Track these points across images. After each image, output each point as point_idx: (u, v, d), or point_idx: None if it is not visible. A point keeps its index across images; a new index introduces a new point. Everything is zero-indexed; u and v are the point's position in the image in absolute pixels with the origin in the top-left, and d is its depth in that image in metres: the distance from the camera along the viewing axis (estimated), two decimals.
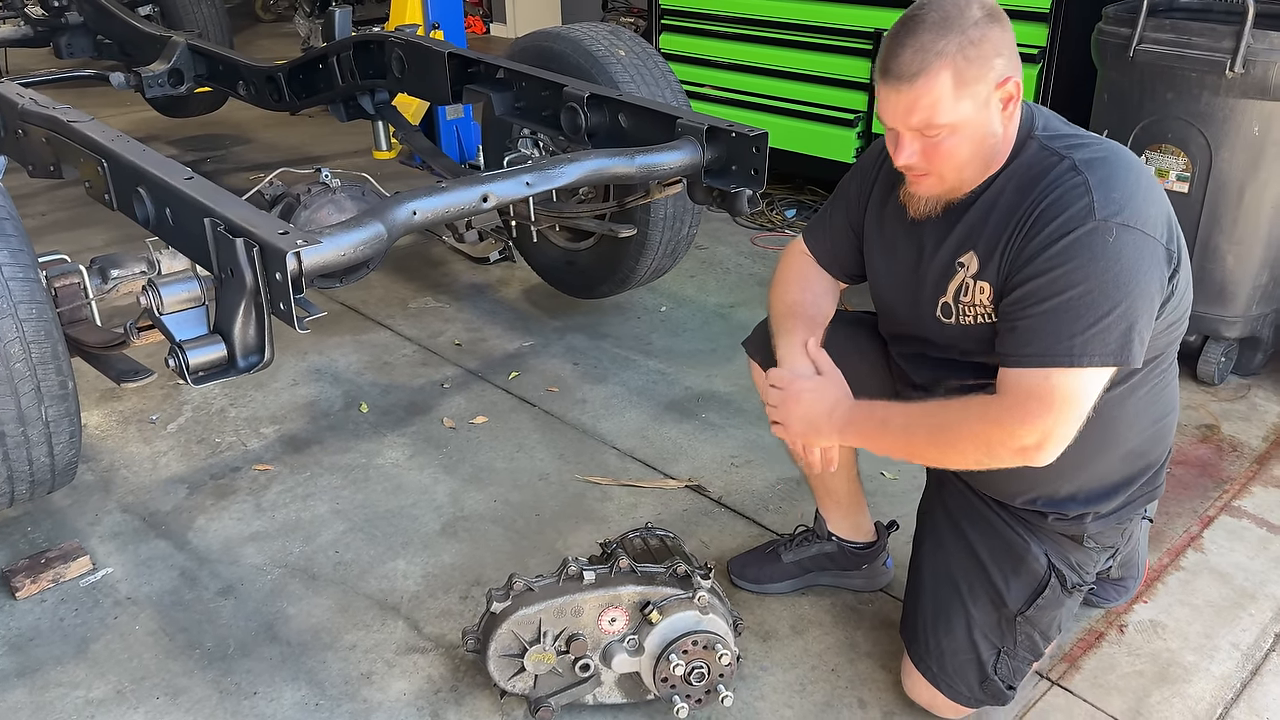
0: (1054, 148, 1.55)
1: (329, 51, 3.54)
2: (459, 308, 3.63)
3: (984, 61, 1.47)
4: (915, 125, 1.52)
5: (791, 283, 1.93)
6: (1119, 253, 1.45)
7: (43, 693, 1.94)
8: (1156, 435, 1.74)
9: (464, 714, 1.89)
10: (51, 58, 5.43)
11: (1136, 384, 1.65)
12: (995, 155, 1.57)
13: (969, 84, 1.47)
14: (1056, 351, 1.48)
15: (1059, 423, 1.49)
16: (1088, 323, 1.46)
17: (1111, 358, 1.47)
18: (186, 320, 1.83)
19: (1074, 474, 1.69)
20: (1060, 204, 1.49)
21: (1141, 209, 1.47)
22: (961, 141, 1.52)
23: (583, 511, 2.48)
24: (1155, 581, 2.22)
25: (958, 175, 1.58)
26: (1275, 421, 2.86)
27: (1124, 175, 1.50)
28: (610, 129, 2.69)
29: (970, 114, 1.50)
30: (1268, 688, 1.94)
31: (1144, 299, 1.47)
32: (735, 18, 4.45)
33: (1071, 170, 1.51)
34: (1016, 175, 1.57)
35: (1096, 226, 1.45)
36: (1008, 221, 1.55)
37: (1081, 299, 1.46)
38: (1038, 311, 1.50)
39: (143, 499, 2.52)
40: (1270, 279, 2.89)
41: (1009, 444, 1.52)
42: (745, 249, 4.15)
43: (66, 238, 4.08)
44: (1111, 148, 1.55)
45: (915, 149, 1.55)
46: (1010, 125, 1.56)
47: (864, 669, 1.99)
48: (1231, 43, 2.62)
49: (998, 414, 1.53)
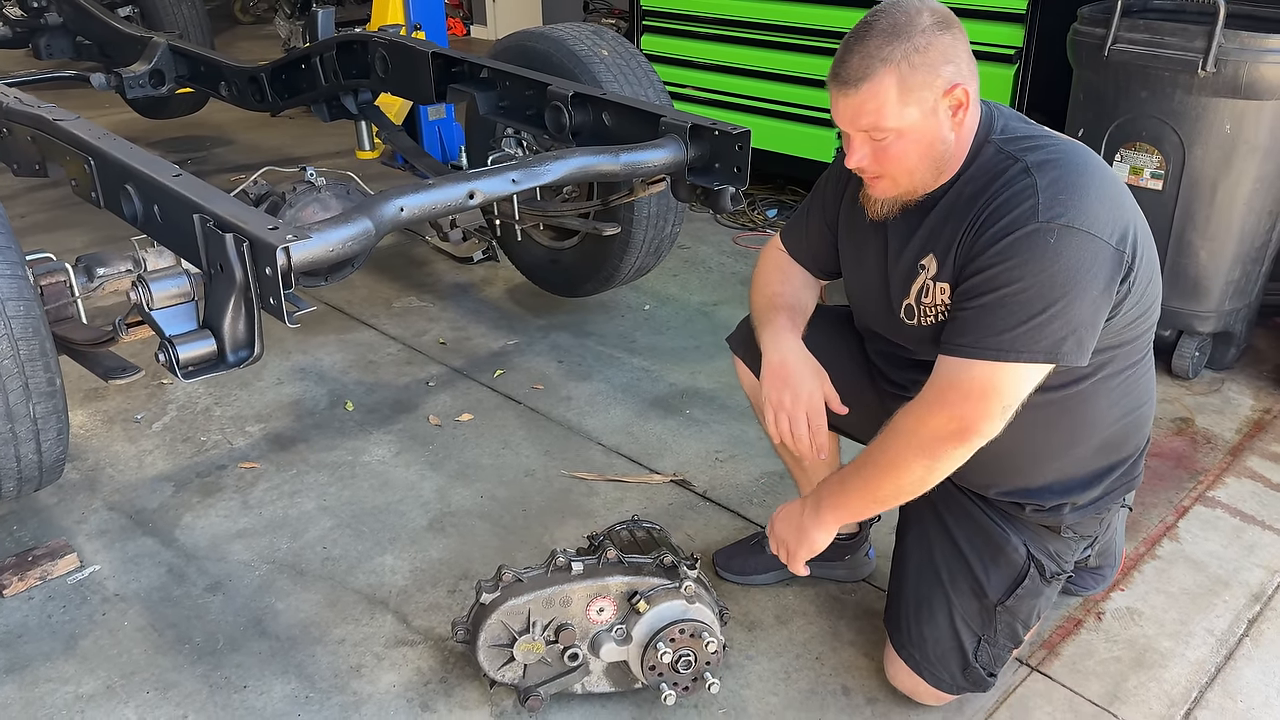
0: (1009, 150, 1.58)
1: (312, 52, 3.55)
2: (443, 307, 3.64)
3: (930, 69, 1.50)
4: (863, 128, 1.57)
5: (771, 277, 1.97)
6: (1058, 253, 1.47)
7: (32, 689, 1.94)
8: (1132, 426, 1.77)
9: (453, 704, 1.91)
10: (30, 59, 5.41)
11: (1107, 377, 1.68)
12: (946, 160, 1.61)
13: (914, 90, 1.51)
14: (985, 345, 1.51)
15: (978, 414, 1.53)
16: (1018, 320, 1.49)
17: (1041, 355, 1.50)
18: (176, 316, 1.84)
19: (1047, 465, 1.74)
20: (1007, 205, 1.52)
21: (1089, 211, 1.49)
22: (909, 146, 1.56)
23: (569, 506, 2.50)
24: (1132, 570, 2.27)
25: (909, 179, 1.61)
26: (1248, 414, 2.91)
27: (1074, 178, 1.52)
28: (594, 128, 2.71)
29: (916, 120, 1.53)
30: (1241, 672, 1.99)
31: (1083, 300, 1.49)
32: (716, 19, 4.49)
33: (1023, 173, 1.54)
34: (973, 179, 1.60)
35: (1039, 228, 1.48)
36: (961, 222, 1.59)
37: (1015, 297, 1.49)
38: (974, 305, 1.54)
39: (129, 497, 2.53)
40: (1242, 274, 2.94)
41: (936, 436, 1.55)
42: (727, 248, 4.18)
43: (46, 239, 4.06)
44: (1068, 149, 1.57)
45: (865, 152, 1.60)
46: (963, 131, 1.59)
47: (847, 657, 2.02)
48: (1203, 42, 2.67)
49: (923, 411, 1.58)
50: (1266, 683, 1.96)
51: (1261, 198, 2.82)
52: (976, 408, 1.53)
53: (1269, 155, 2.76)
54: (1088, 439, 1.73)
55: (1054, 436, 1.71)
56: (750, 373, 2.04)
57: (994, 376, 1.52)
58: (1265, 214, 2.86)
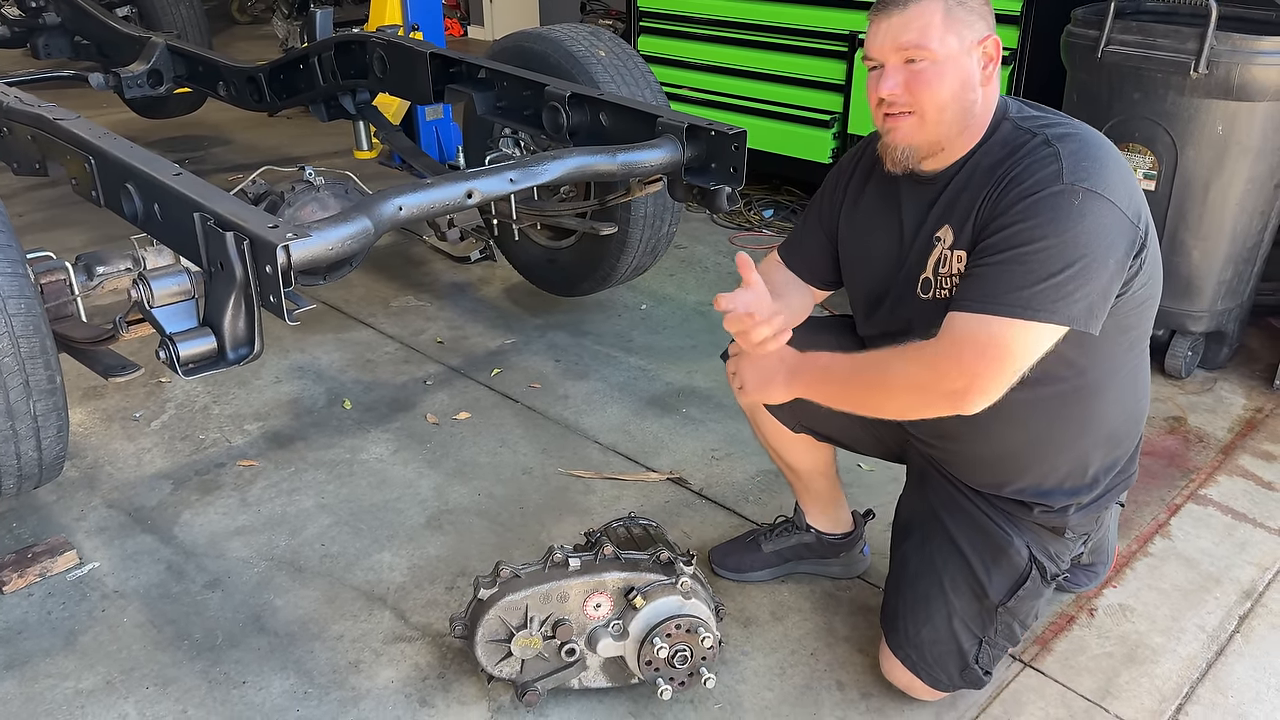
0: (1027, 126, 1.61)
1: (310, 52, 3.57)
2: (441, 306, 3.66)
3: (971, 12, 1.58)
4: (904, 44, 1.57)
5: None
6: (1082, 215, 1.48)
7: (32, 684, 1.95)
8: (1134, 419, 1.79)
9: (451, 700, 1.92)
10: (28, 59, 5.42)
11: (1117, 368, 1.69)
12: (973, 115, 1.61)
13: (956, 23, 1.56)
14: (1001, 301, 1.50)
15: (990, 372, 1.50)
16: (1038, 277, 1.48)
17: (1056, 315, 1.48)
18: (176, 313, 1.85)
19: (1057, 458, 1.74)
20: (1030, 169, 1.54)
21: (1110, 180, 1.51)
22: (944, 76, 1.57)
23: (566, 504, 2.51)
24: (1124, 567, 2.29)
25: (938, 116, 1.60)
26: (1240, 413, 2.94)
27: (1094, 151, 1.54)
28: (591, 128, 2.73)
29: (955, 50, 1.57)
30: (1232, 668, 2.01)
31: (1101, 265, 1.49)
32: (713, 20, 4.51)
33: (1044, 144, 1.56)
34: (990, 151, 1.62)
35: (1064, 189, 1.49)
36: (980, 191, 1.59)
37: (1036, 254, 1.49)
38: (993, 262, 1.53)
39: (128, 494, 2.54)
40: (1234, 274, 2.96)
41: (938, 387, 1.54)
42: (724, 248, 4.20)
43: (45, 238, 4.07)
44: (1084, 128, 1.60)
45: (899, 79, 1.59)
46: (989, 89, 1.62)
47: (842, 652, 2.04)
48: (1196, 44, 2.69)
49: (931, 357, 1.55)
50: (1257, 678, 1.98)
51: (1253, 198, 2.84)
52: (989, 366, 1.50)
53: (1261, 156, 2.78)
54: (1095, 432, 1.74)
55: (1063, 431, 1.72)
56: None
57: (1011, 334, 1.49)
58: (1257, 214, 2.88)
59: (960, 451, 1.81)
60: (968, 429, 1.68)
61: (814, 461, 2.11)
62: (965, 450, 1.80)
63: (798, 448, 2.08)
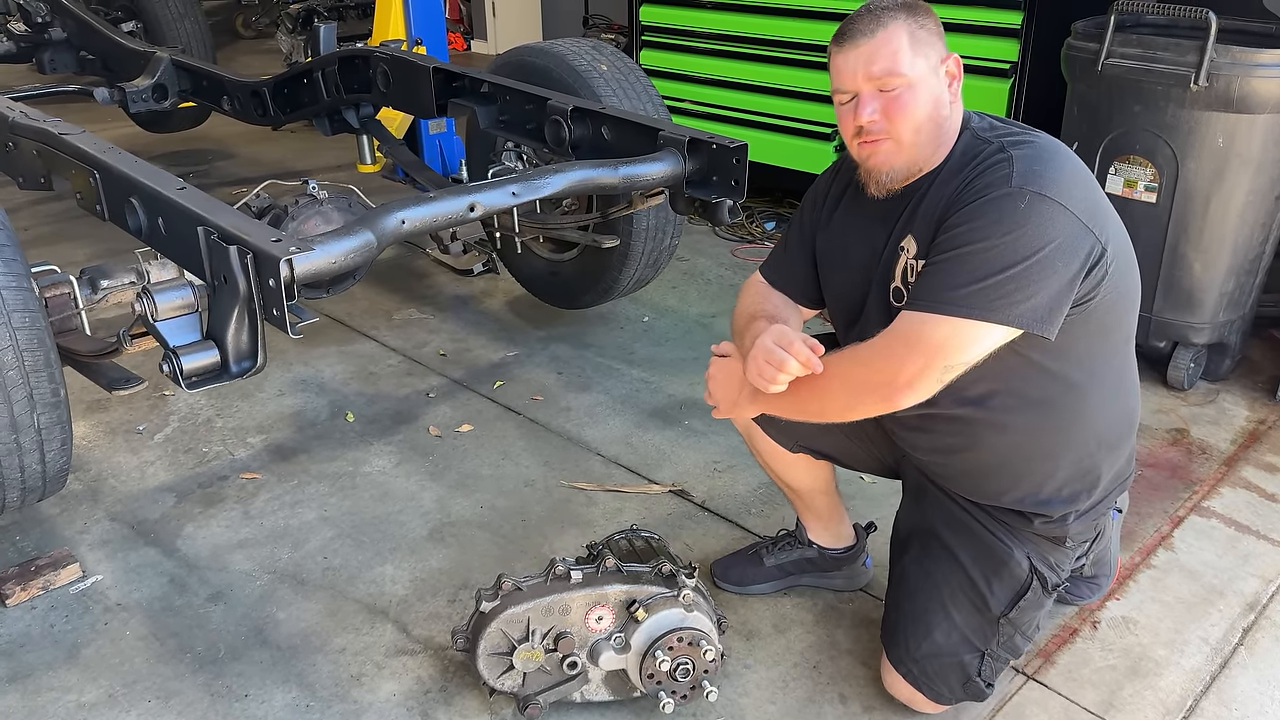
0: (986, 136, 1.64)
1: (314, 66, 3.59)
2: (443, 319, 3.67)
3: (932, 34, 1.62)
4: (876, 74, 1.60)
5: (751, 301, 1.93)
6: (1027, 217, 1.49)
7: (34, 697, 1.95)
8: (1126, 420, 1.80)
9: (453, 713, 1.92)
10: (34, 73, 5.44)
11: (1103, 372, 1.70)
12: (946, 131, 1.65)
13: (921, 45, 1.60)
14: (940, 299, 1.52)
15: (915, 370, 1.52)
16: (976, 276, 1.49)
17: (994, 315, 1.49)
18: (180, 327, 1.86)
19: (1053, 464, 1.73)
20: (982, 177, 1.56)
21: (1063, 185, 1.52)
22: (918, 99, 1.60)
23: (568, 516, 2.51)
24: (1127, 579, 2.28)
25: (914, 138, 1.62)
26: (1243, 425, 2.93)
27: (1049, 157, 1.56)
28: (594, 141, 2.74)
29: (925, 72, 1.60)
30: (1236, 680, 2.00)
31: (1048, 268, 1.49)
32: (714, 34, 4.53)
33: (999, 150, 1.59)
34: (952, 163, 1.64)
35: (1010, 192, 1.51)
36: (939, 201, 1.62)
37: (978, 254, 1.50)
38: (938, 261, 1.55)
39: (131, 507, 2.54)
40: (1236, 286, 2.96)
41: (868, 381, 1.57)
42: (726, 260, 4.21)
43: (49, 252, 4.08)
44: (1044, 138, 1.62)
45: (876, 106, 1.61)
46: (956, 105, 1.65)
47: (845, 666, 2.04)
48: (1196, 57, 2.70)
49: (866, 354, 1.59)
50: (1261, 691, 1.97)
51: (1254, 210, 2.85)
52: (915, 363, 1.52)
53: (1261, 168, 2.78)
54: (1085, 435, 1.74)
55: (1053, 438, 1.72)
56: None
57: (946, 331, 1.51)
58: (1258, 226, 2.88)
59: (954, 464, 1.82)
60: (960, 441, 1.69)
61: (813, 480, 2.11)
62: (959, 462, 1.80)
63: (797, 468, 2.08)
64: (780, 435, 2.02)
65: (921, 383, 1.53)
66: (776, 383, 1.66)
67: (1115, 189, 2.97)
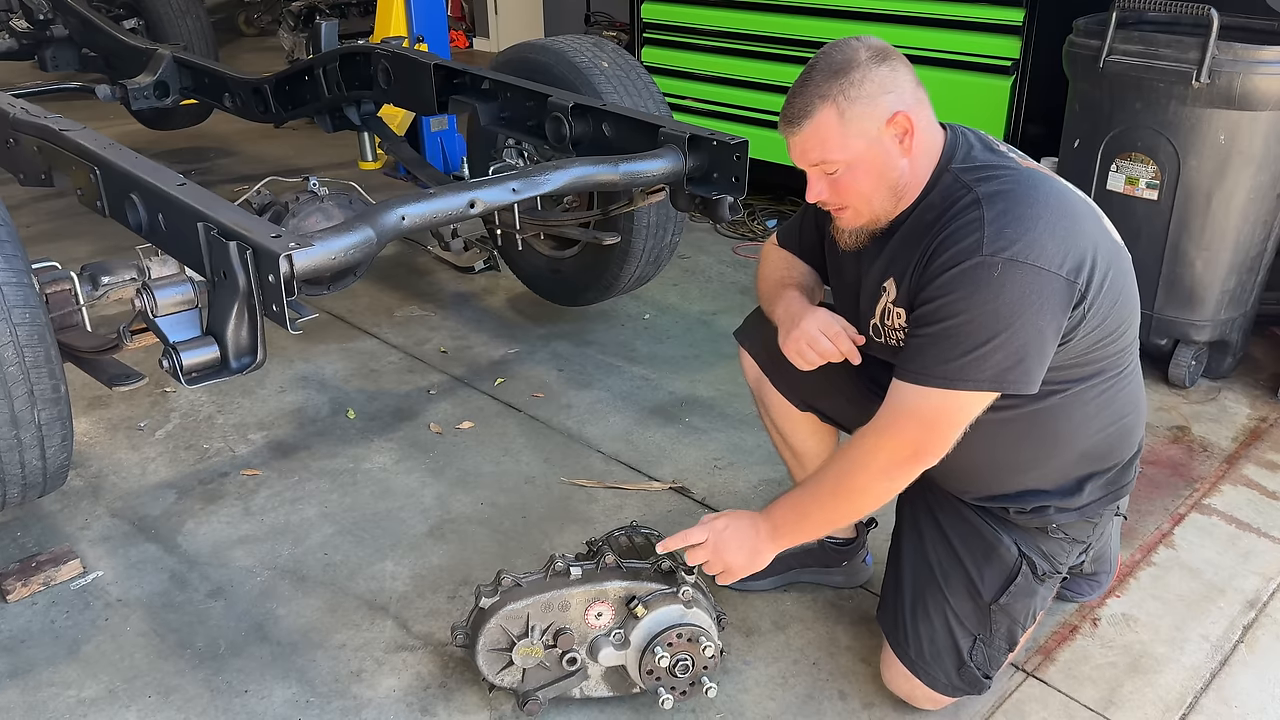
0: (965, 180, 1.61)
1: (315, 63, 3.58)
2: (444, 316, 3.67)
3: (869, 100, 1.58)
4: (813, 163, 1.64)
5: (777, 267, 2.01)
6: (1002, 286, 1.50)
7: (35, 693, 1.96)
8: (1117, 436, 1.79)
9: (453, 709, 1.92)
10: (36, 71, 5.45)
11: (1080, 392, 1.70)
12: (904, 187, 1.65)
13: (854, 121, 1.58)
14: (934, 373, 1.56)
15: (929, 439, 1.61)
16: (964, 350, 1.53)
17: (986, 384, 1.55)
18: (180, 323, 1.86)
19: (1020, 476, 1.78)
20: (953, 237, 1.56)
21: (1036, 243, 1.51)
22: (860, 175, 1.62)
23: (569, 513, 2.52)
24: (1128, 577, 2.28)
25: (868, 207, 1.67)
26: (1244, 422, 2.93)
27: (1023, 210, 1.54)
28: (594, 138, 2.74)
29: (862, 150, 1.60)
30: (1236, 678, 2.00)
31: (1028, 331, 1.52)
32: (716, 31, 4.52)
33: (973, 204, 1.57)
34: (931, 206, 1.64)
35: (982, 261, 1.51)
36: (914, 251, 1.63)
37: (961, 328, 1.54)
38: (924, 334, 1.59)
39: (132, 504, 2.55)
40: (1238, 284, 2.96)
41: (894, 458, 1.62)
42: (727, 258, 4.21)
43: (51, 249, 4.09)
44: (1023, 179, 1.59)
45: (822, 186, 1.67)
46: (917, 156, 1.63)
47: (844, 662, 2.04)
48: (1197, 54, 2.70)
49: (876, 433, 1.64)
50: (1261, 688, 1.97)
51: (1256, 207, 2.84)
52: (929, 433, 1.60)
53: (1263, 165, 2.78)
54: (1064, 452, 1.76)
55: (1025, 451, 1.75)
56: (754, 364, 2.08)
57: (945, 403, 1.58)
58: (1260, 223, 2.88)
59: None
60: None
61: (818, 444, 2.12)
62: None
63: (803, 428, 2.09)
64: (789, 391, 2.04)
65: (940, 447, 1.62)
66: (812, 365, 1.79)
67: (1117, 186, 2.97)
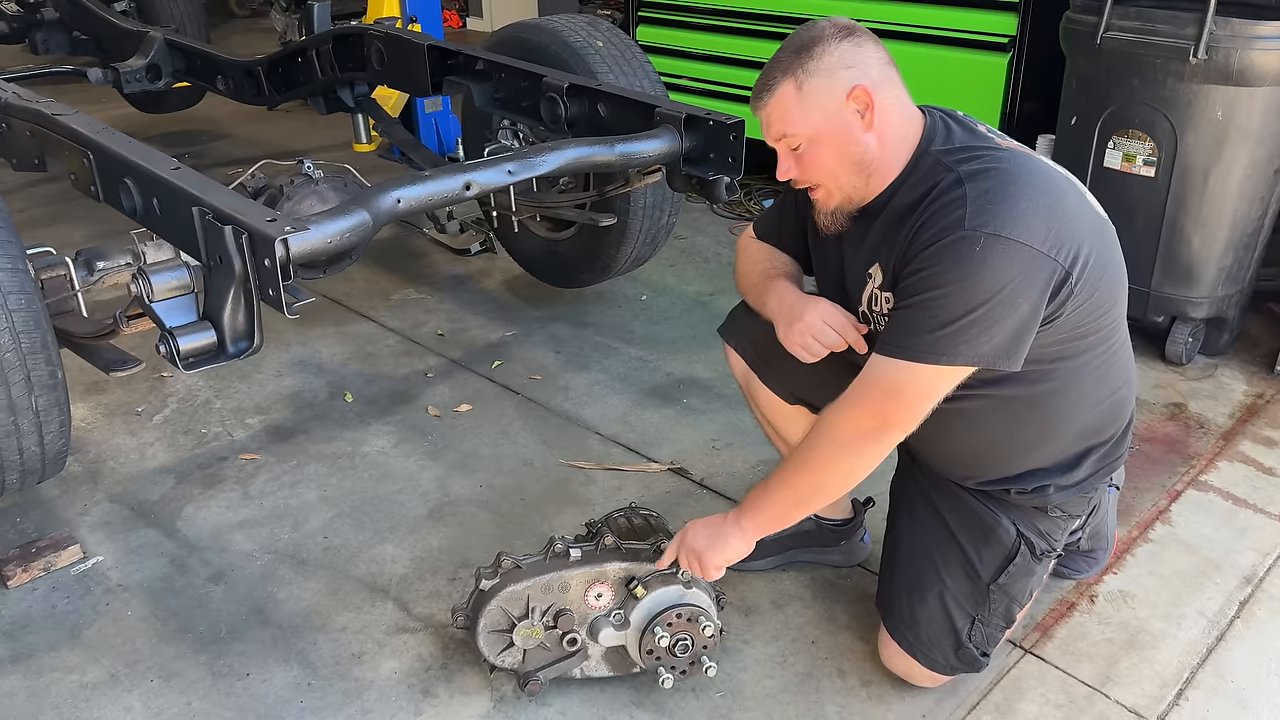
0: (946, 161, 1.60)
1: (308, 45, 3.56)
2: (441, 299, 3.66)
3: (827, 73, 1.59)
4: (775, 138, 1.67)
5: (758, 259, 1.98)
6: (983, 261, 1.49)
7: (37, 678, 1.96)
8: (1111, 409, 1.79)
9: (454, 690, 1.93)
10: (26, 54, 5.41)
11: (1078, 369, 1.69)
12: (871, 163, 1.64)
13: (812, 94, 1.60)
14: (908, 346, 1.56)
15: (895, 410, 1.61)
16: (941, 323, 1.53)
17: (959, 358, 1.54)
18: (176, 307, 1.86)
19: (1024, 458, 1.77)
20: (937, 215, 1.55)
21: (1019, 219, 1.49)
22: (824, 150, 1.63)
23: (567, 495, 2.52)
24: (1125, 553, 2.29)
25: (837, 184, 1.67)
26: (1241, 399, 2.94)
27: (1007, 188, 1.52)
28: (590, 119, 2.73)
29: (821, 123, 1.61)
30: (1232, 653, 2.01)
31: (1008, 306, 1.51)
32: (711, 9, 4.50)
33: (955, 183, 1.55)
34: (913, 188, 1.63)
35: (965, 235, 1.50)
36: (898, 234, 1.62)
37: (938, 301, 1.53)
38: (903, 306, 1.59)
39: (131, 489, 2.55)
40: (1235, 261, 2.96)
41: (853, 428, 1.61)
42: (724, 238, 4.20)
43: (45, 234, 4.06)
44: (1007, 159, 1.57)
45: (790, 163, 1.69)
46: (886, 134, 1.62)
47: (843, 641, 2.05)
48: (1195, 29, 2.69)
49: (843, 405, 1.63)
50: (1257, 663, 1.99)
51: (1253, 184, 2.84)
52: (894, 404, 1.60)
53: (1260, 141, 2.77)
54: (1065, 430, 1.76)
55: (1028, 432, 1.74)
56: (741, 360, 2.07)
57: (913, 375, 1.57)
58: (1257, 200, 2.87)
59: (925, 450, 1.86)
60: (932, 433, 1.69)
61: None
62: (931, 449, 1.84)
63: (794, 421, 2.08)
64: (778, 385, 2.03)
65: (907, 421, 1.62)
66: (817, 358, 1.77)
67: (1114, 163, 2.96)
